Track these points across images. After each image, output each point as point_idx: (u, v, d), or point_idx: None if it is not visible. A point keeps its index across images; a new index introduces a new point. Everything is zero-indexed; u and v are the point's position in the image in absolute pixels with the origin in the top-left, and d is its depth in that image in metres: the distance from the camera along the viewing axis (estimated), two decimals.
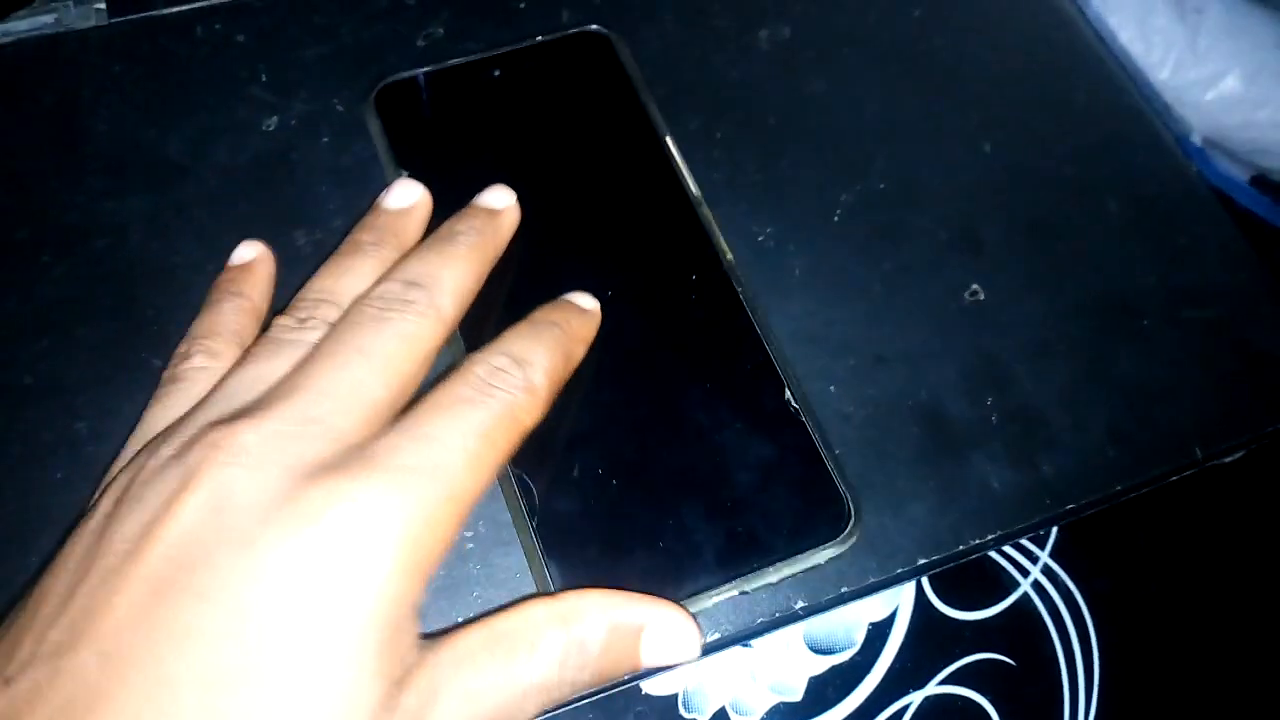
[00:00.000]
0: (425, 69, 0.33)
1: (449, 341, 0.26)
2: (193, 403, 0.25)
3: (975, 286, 0.31)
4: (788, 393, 0.28)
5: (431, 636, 0.22)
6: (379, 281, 0.26)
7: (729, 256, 0.30)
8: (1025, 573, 0.32)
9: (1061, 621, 0.31)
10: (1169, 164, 0.35)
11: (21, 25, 0.34)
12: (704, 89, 0.34)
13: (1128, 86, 0.36)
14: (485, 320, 0.28)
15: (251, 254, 0.29)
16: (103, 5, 0.34)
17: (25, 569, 0.25)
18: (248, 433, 0.22)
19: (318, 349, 0.24)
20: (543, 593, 0.26)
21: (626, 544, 0.26)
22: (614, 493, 0.26)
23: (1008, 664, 0.31)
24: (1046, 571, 0.32)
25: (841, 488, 0.27)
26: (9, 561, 0.26)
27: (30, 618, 0.20)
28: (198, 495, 0.21)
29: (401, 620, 0.21)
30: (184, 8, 0.34)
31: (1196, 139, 0.80)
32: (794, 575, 0.26)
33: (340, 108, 0.32)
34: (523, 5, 0.35)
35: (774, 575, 0.26)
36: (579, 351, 0.27)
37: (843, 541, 0.27)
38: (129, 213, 0.30)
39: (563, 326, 0.27)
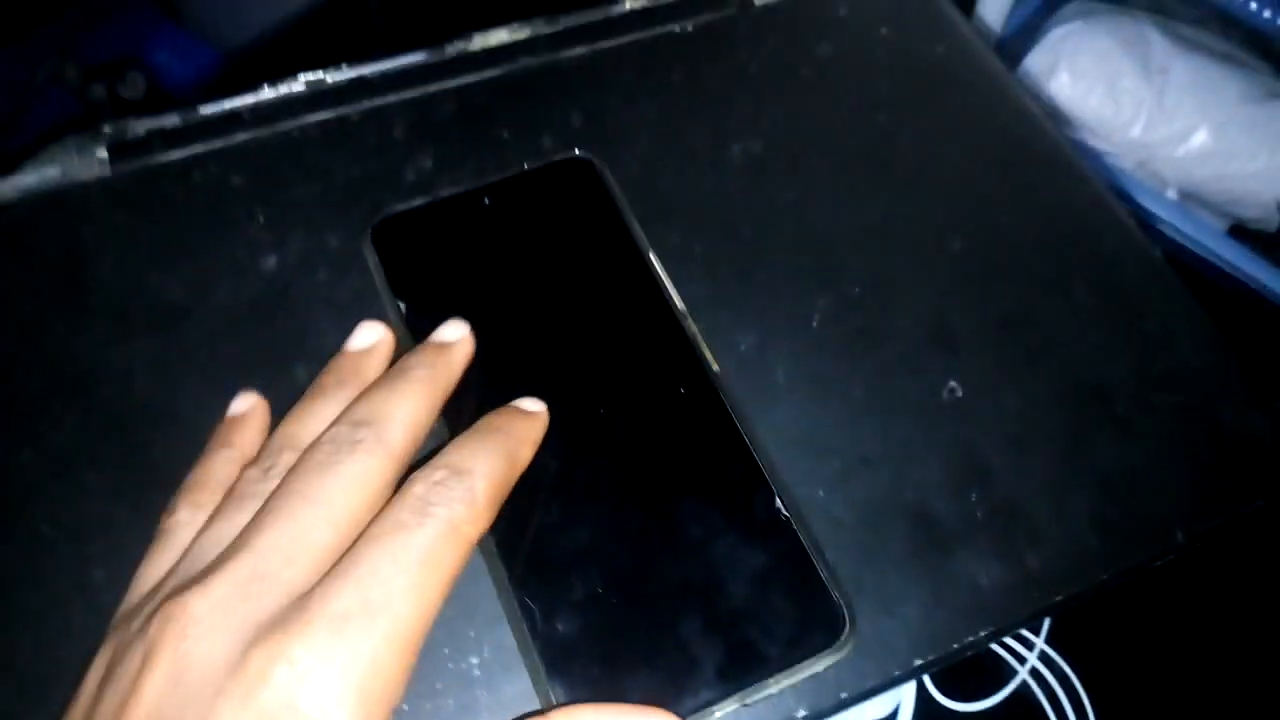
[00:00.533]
0: (418, 202, 0.34)
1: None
2: (178, 556, 0.26)
3: (953, 383, 0.32)
4: (778, 501, 0.29)
5: None
6: (330, 425, 0.27)
7: (715, 367, 0.32)
8: (1022, 660, 0.33)
9: (1060, 706, 0.32)
10: (1133, 250, 0.36)
11: (28, 179, 0.35)
12: (681, 205, 0.35)
13: (1088, 175, 0.38)
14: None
15: (245, 406, 0.30)
16: (104, 155, 0.36)
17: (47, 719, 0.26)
18: (197, 602, 0.22)
19: (268, 502, 0.25)
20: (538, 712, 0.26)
21: (628, 662, 0.27)
22: (614, 611, 0.27)
23: None
24: (1043, 657, 0.33)
25: (835, 595, 0.28)
26: (29, 713, 0.26)
27: None
28: (158, 673, 0.22)
29: None
30: (181, 153, 0.36)
31: (1172, 194, 0.82)
32: (793, 685, 0.27)
33: (335, 243, 0.34)
34: (506, 134, 0.36)
35: (774, 686, 0.27)
36: (524, 454, 0.28)
37: (839, 648, 0.27)
38: (135, 358, 0.32)
39: (505, 430, 0.27)
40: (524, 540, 0.28)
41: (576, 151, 0.36)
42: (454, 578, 0.24)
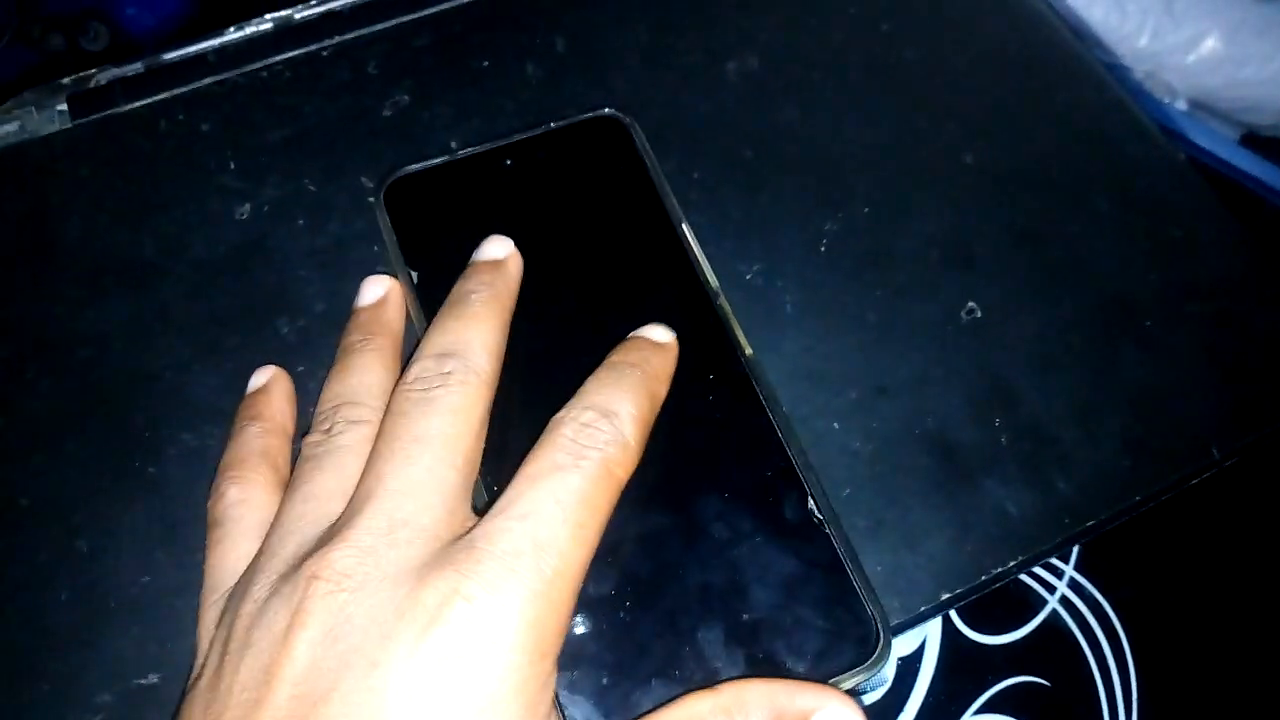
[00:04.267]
0: (435, 161, 0.31)
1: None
2: (250, 538, 0.25)
3: (972, 304, 0.31)
4: (811, 503, 0.27)
5: None
6: (408, 366, 0.26)
7: (748, 352, 0.29)
8: (1052, 589, 0.31)
9: (1093, 635, 0.31)
10: (1156, 155, 0.34)
11: None
12: (677, 128, 0.33)
13: (1106, 79, 0.36)
14: (504, 425, 0.27)
15: (265, 378, 0.28)
16: (64, 108, 0.34)
17: (37, 696, 0.25)
18: (343, 555, 0.22)
19: (375, 451, 0.24)
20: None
21: (641, 670, 0.25)
22: (630, 615, 0.25)
23: (1043, 685, 0.30)
24: (1073, 585, 0.31)
25: (869, 606, 0.26)
26: (16, 689, 0.25)
27: None
28: (310, 629, 0.21)
29: (539, 705, 0.21)
30: (145, 102, 0.34)
31: (1182, 104, 0.79)
32: None
33: (312, 188, 0.32)
34: (486, 63, 0.34)
35: None
36: (662, 390, 0.26)
37: (871, 666, 0.25)
38: (109, 319, 0.30)
39: (642, 368, 0.26)
40: None
41: (606, 110, 0.33)
42: (606, 521, 0.23)
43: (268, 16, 0.36)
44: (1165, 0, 0.77)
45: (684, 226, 0.31)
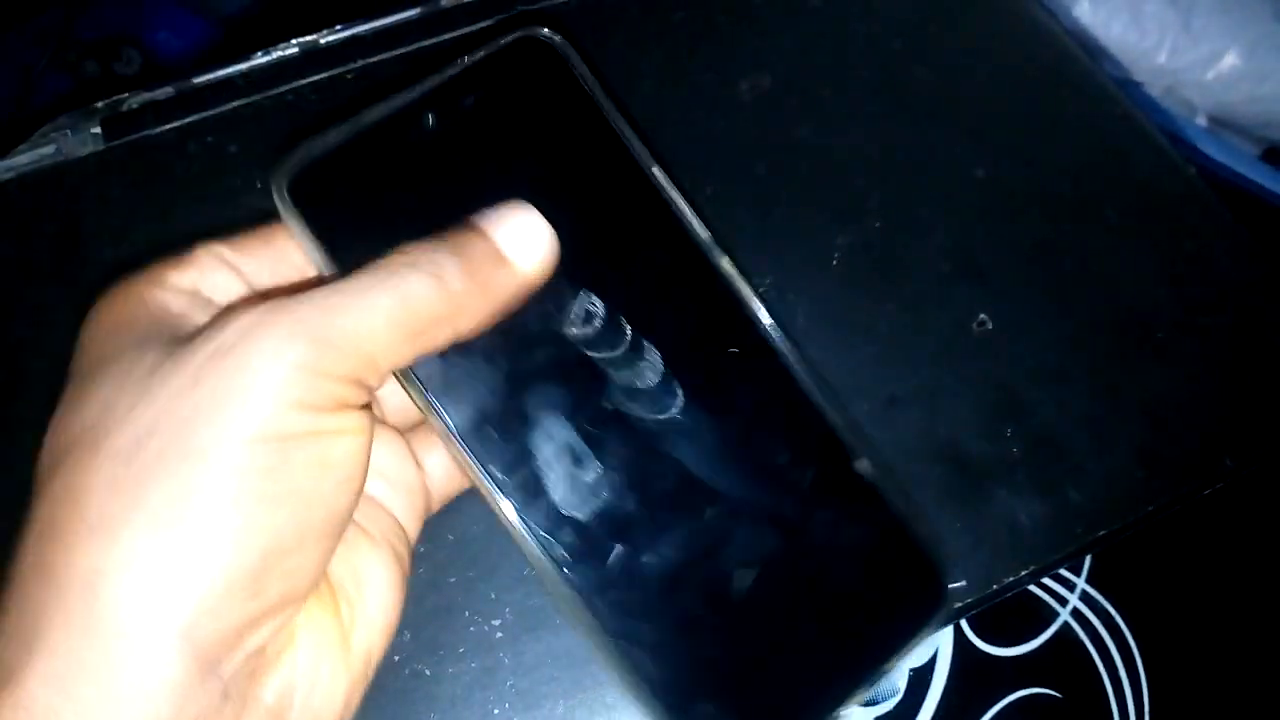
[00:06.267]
0: (336, 136, 0.24)
1: None
2: None
3: (983, 316, 0.31)
4: (861, 462, 0.25)
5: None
6: None
7: (766, 320, 0.25)
8: (1064, 602, 0.31)
9: (1104, 647, 0.31)
10: (1167, 168, 0.34)
11: (24, 159, 0.34)
12: (691, 145, 0.34)
13: (1116, 94, 0.36)
14: (486, 406, 0.23)
15: None
16: (98, 130, 0.35)
17: None
18: None
19: None
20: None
21: (747, 687, 0.23)
22: (718, 635, 0.24)
23: (1054, 696, 0.30)
24: (1085, 598, 0.32)
25: (932, 556, 0.24)
26: None
27: None
28: None
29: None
30: (176, 124, 0.35)
31: (1202, 120, 0.79)
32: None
33: None
34: None
35: (887, 669, 0.24)
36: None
37: (942, 619, 0.24)
38: None
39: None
40: (606, 586, 0.23)
41: (528, 30, 0.25)
42: None
43: (294, 41, 0.37)
44: (1183, 17, 0.77)
45: (656, 171, 0.25)
